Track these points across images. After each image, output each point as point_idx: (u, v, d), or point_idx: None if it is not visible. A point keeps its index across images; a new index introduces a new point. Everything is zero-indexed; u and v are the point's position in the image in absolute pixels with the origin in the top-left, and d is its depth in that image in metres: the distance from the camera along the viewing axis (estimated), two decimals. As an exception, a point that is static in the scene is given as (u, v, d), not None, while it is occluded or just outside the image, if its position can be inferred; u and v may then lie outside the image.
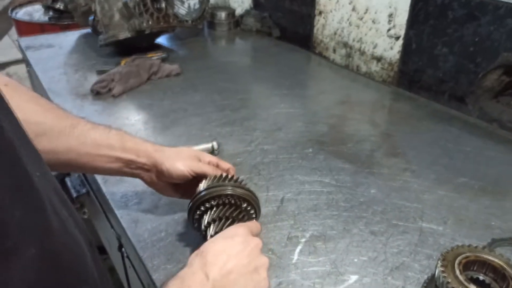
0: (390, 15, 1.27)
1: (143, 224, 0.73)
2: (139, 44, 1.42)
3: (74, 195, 1.02)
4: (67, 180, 1.06)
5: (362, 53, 1.40)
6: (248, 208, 0.65)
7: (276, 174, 0.87)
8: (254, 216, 0.66)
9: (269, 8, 1.71)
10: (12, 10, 2.32)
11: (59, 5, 2.13)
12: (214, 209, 0.63)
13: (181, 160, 0.67)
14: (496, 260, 0.53)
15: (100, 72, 1.28)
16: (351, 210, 0.77)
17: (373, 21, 1.32)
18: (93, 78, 1.26)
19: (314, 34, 1.56)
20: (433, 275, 0.58)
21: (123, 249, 0.84)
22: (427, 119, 1.10)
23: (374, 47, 1.35)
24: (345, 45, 1.45)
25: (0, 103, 0.36)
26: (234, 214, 0.63)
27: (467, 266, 0.54)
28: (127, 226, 0.73)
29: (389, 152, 0.95)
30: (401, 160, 0.91)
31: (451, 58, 1.15)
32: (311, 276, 0.63)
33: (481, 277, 0.54)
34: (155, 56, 1.37)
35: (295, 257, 0.67)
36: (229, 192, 0.63)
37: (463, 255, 0.54)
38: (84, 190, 1.02)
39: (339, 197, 0.80)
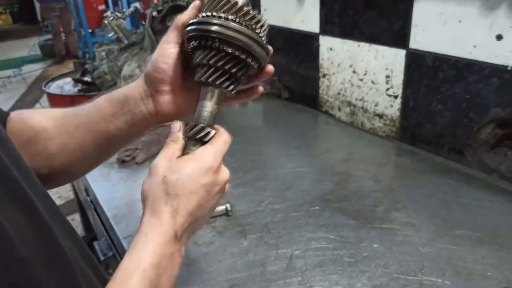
0: (388, 76, 1.38)
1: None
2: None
3: (102, 258, 1.11)
4: (95, 244, 1.16)
5: (365, 110, 1.50)
6: (248, 60, 0.52)
7: (285, 232, 0.94)
8: (255, 65, 0.54)
9: (277, 72, 1.85)
10: (45, 84, 2.55)
11: (87, 78, 2.34)
12: (201, 50, 0.53)
13: (159, 50, 0.59)
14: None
15: (124, 141, 1.41)
16: (355, 265, 0.83)
17: (373, 82, 1.43)
18: (118, 147, 1.38)
19: (320, 94, 1.68)
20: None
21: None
22: (428, 172, 1.16)
23: (376, 105, 1.45)
24: (349, 103, 1.56)
25: (27, 175, 0.46)
26: (225, 66, 0.52)
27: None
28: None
29: (391, 206, 1.01)
30: (402, 214, 0.97)
31: (446, 114, 1.23)
32: (317, 330, 0.68)
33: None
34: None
35: (302, 312, 0.72)
36: (214, 35, 0.50)
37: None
38: (110, 253, 1.11)
39: (344, 252, 0.86)
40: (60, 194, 3.08)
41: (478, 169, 1.18)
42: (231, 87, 0.54)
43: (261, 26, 0.53)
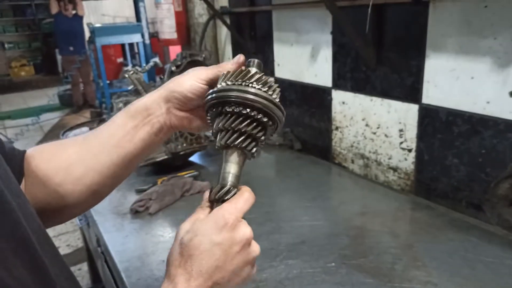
0: (401, 130, 1.39)
1: None
2: (174, 163, 1.58)
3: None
4: None
5: (379, 163, 1.49)
6: (264, 120, 0.54)
7: (300, 289, 0.91)
8: (272, 126, 0.56)
9: (290, 123, 1.88)
10: (63, 133, 2.61)
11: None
12: (222, 116, 0.55)
13: (188, 75, 0.62)
14: None
15: (139, 191, 1.42)
16: (375, 327, 0.79)
17: (386, 135, 1.44)
18: (132, 197, 1.39)
19: (332, 146, 1.69)
20: None
21: None
22: (446, 228, 1.13)
23: (389, 158, 1.45)
24: (362, 156, 1.56)
25: (26, 211, 0.46)
26: (245, 128, 0.54)
27: None
28: None
29: (410, 264, 0.98)
30: (422, 273, 0.94)
31: (462, 168, 1.22)
32: None
33: None
34: (187, 175, 1.51)
35: None
36: (233, 99, 0.53)
37: None
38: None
39: (363, 313, 0.83)
40: (69, 243, 3.05)
41: (497, 225, 1.15)
42: (253, 148, 0.56)
43: (274, 90, 0.56)
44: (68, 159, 0.63)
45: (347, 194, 1.42)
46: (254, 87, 0.54)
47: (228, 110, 0.54)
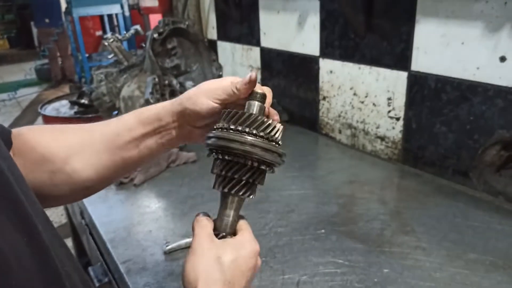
0: (389, 98, 1.37)
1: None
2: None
3: (97, 284, 1.05)
4: (90, 269, 1.10)
5: (366, 133, 1.48)
6: (263, 167, 0.55)
7: (290, 256, 0.90)
8: (270, 170, 0.57)
9: (277, 94, 1.84)
10: (41, 107, 2.53)
11: (84, 100, 2.33)
12: (219, 161, 0.56)
13: (203, 93, 0.60)
14: None
15: (122, 163, 1.38)
16: (366, 291, 0.79)
17: (374, 104, 1.43)
18: (116, 169, 1.35)
19: (320, 117, 1.67)
20: None
21: None
22: (433, 194, 1.14)
23: (377, 127, 1.44)
24: (350, 126, 1.54)
25: (27, 194, 0.43)
26: (244, 176, 0.55)
27: None
28: (150, 315, 0.76)
29: (399, 229, 0.98)
30: (412, 238, 0.94)
31: (450, 136, 1.22)
32: None
33: None
34: (173, 145, 1.47)
35: None
36: (232, 150, 0.53)
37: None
38: (106, 279, 1.06)
39: (353, 277, 0.82)
40: (52, 219, 3.00)
41: (484, 191, 1.16)
42: (250, 194, 0.57)
43: (276, 132, 0.55)
44: (68, 148, 0.60)
45: (335, 164, 1.41)
46: (254, 135, 0.53)
47: (228, 158, 0.54)
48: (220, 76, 1.76)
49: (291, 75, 1.75)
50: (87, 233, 1.24)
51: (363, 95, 1.46)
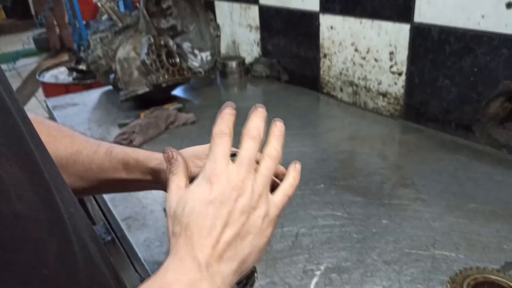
0: (391, 53, 1.33)
1: (165, 265, 0.77)
2: (156, 97, 1.52)
3: (100, 242, 1.07)
4: (94, 229, 1.11)
5: (368, 90, 1.46)
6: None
7: (289, 210, 0.90)
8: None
9: (277, 54, 1.80)
10: (39, 74, 2.50)
11: (82, 66, 2.30)
12: None
13: (192, 163, 0.60)
14: (504, 280, 0.55)
15: (121, 125, 1.37)
16: (364, 241, 0.79)
17: (376, 60, 1.39)
18: (115, 131, 1.34)
19: (320, 75, 1.63)
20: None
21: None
22: (435, 149, 1.13)
23: (379, 84, 1.41)
24: (351, 83, 1.51)
25: (37, 140, 0.41)
26: None
27: (475, 287, 0.55)
28: (151, 268, 0.77)
29: (399, 183, 0.97)
30: (411, 190, 0.94)
31: (453, 89, 1.19)
32: (328, 307, 0.65)
33: (491, 298, 0.55)
34: (171, 107, 1.46)
35: (311, 289, 0.69)
36: None
37: (472, 277, 0.56)
38: (109, 238, 1.07)
39: (352, 229, 0.83)
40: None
41: (487, 144, 1.14)
42: None
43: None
44: (57, 158, 0.60)
45: (336, 122, 1.39)
46: None
47: None
48: (218, 36, 1.71)
49: (290, 34, 1.71)
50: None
51: (365, 50, 1.42)
